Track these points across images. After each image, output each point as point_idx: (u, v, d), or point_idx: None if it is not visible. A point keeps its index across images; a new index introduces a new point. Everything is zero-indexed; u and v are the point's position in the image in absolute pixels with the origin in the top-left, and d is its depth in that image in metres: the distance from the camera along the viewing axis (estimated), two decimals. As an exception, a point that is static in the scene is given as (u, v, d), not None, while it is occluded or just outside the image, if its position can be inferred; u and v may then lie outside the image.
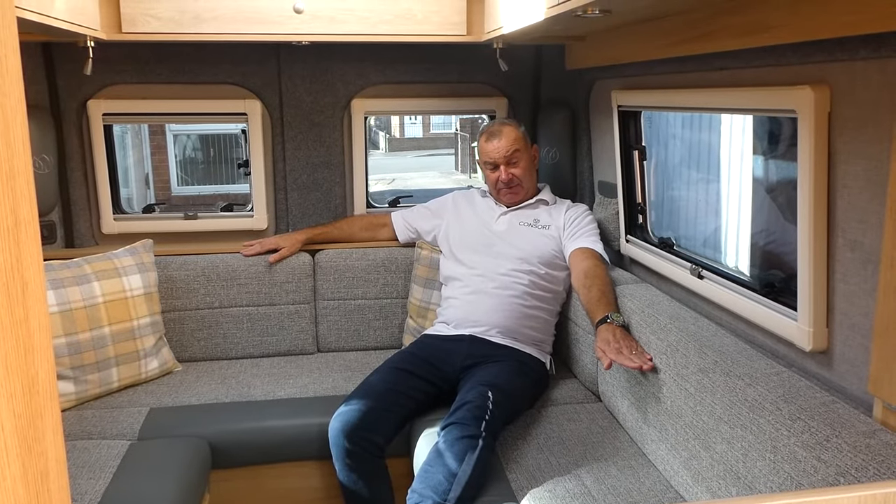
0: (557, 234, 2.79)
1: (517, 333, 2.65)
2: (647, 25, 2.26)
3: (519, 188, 2.84)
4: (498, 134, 2.82)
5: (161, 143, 11.01)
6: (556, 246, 2.77)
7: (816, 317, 1.70)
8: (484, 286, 2.71)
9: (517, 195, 2.85)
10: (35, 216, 0.63)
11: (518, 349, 2.63)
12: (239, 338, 3.06)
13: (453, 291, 2.80)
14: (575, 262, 2.67)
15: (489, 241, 2.82)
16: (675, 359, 2.02)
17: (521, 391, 2.48)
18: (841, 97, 1.58)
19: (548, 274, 2.73)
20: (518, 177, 2.81)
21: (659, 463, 2.09)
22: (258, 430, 2.54)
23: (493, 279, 2.70)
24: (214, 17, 2.62)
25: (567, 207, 2.87)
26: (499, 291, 2.68)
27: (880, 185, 1.47)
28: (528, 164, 2.84)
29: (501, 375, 2.43)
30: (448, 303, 2.80)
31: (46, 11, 2.00)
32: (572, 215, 2.82)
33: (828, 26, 1.49)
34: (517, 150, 2.80)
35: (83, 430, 2.44)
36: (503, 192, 2.85)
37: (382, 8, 2.72)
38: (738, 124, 2.90)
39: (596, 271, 2.57)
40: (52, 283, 2.57)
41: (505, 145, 2.79)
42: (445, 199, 3.12)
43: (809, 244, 1.68)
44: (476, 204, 2.99)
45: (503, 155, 2.79)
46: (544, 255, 2.75)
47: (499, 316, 2.64)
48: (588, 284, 2.51)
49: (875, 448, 1.37)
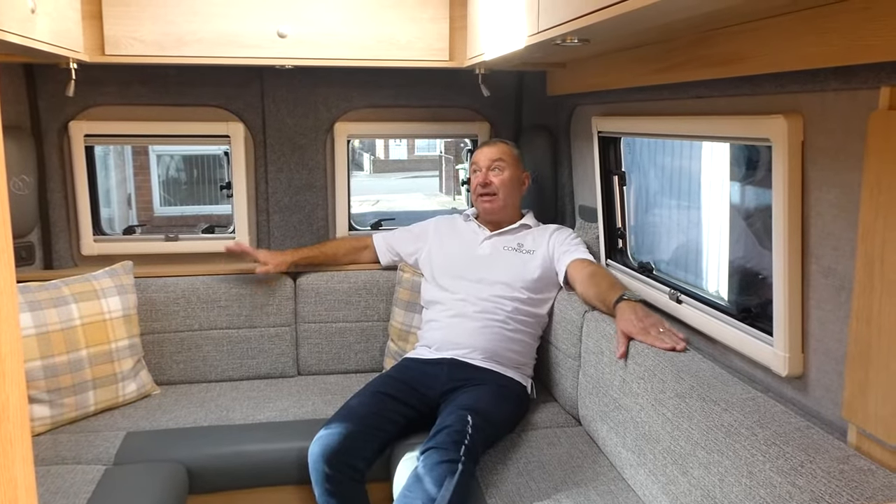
0: (542, 258, 2.77)
1: (499, 357, 2.65)
2: (625, 54, 2.29)
3: (496, 199, 2.85)
4: (492, 143, 2.95)
5: (144, 164, 10.98)
6: (541, 271, 2.75)
7: (792, 342, 1.72)
8: (466, 310, 2.70)
9: (493, 205, 2.86)
10: (8, 237, 0.62)
11: (499, 373, 2.63)
12: (219, 360, 3.03)
13: (435, 314, 2.80)
14: (575, 273, 2.66)
15: (472, 265, 2.81)
16: (652, 383, 2.03)
17: (502, 415, 2.48)
18: (814, 126, 1.61)
19: (530, 299, 2.73)
20: (497, 185, 2.84)
21: (638, 488, 2.09)
22: (237, 454, 2.52)
23: (475, 303, 2.70)
24: (198, 41, 2.63)
25: (553, 231, 2.87)
26: (481, 315, 2.68)
27: (852, 212, 1.50)
28: (512, 179, 2.87)
29: (482, 399, 2.43)
30: (429, 326, 2.80)
31: (29, 34, 2.00)
32: (560, 237, 2.82)
33: (799, 58, 1.52)
34: (503, 161, 2.86)
35: (58, 454, 2.40)
36: (480, 199, 2.87)
37: (366, 33, 2.75)
38: (716, 151, 2.94)
39: (599, 271, 2.62)
40: (28, 304, 2.54)
41: (494, 152, 2.88)
42: (428, 224, 3.11)
43: (784, 270, 1.70)
44: (459, 228, 2.99)
45: (489, 158, 2.87)
46: (528, 281, 2.74)
47: (480, 339, 2.65)
48: (596, 281, 2.53)
49: (849, 474, 1.38)
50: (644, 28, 1.75)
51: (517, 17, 2.08)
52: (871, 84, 1.40)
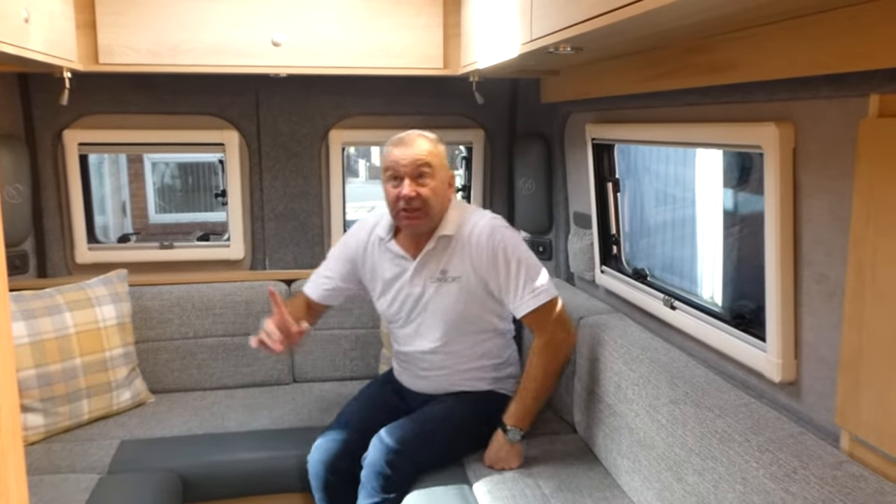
0: (474, 283, 2.34)
1: (469, 382, 2.47)
2: (618, 61, 2.30)
3: (421, 215, 2.28)
4: (409, 142, 2.31)
5: (139, 171, 10.96)
6: (475, 296, 2.36)
7: (785, 349, 1.73)
8: (417, 365, 2.49)
9: (418, 221, 2.29)
10: (0, 245, 0.63)
11: (475, 391, 2.47)
12: (213, 368, 3.03)
13: (395, 348, 2.58)
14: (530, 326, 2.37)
15: (410, 311, 2.44)
16: (646, 390, 2.03)
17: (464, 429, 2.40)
18: (805, 134, 1.62)
19: (478, 328, 2.43)
20: (424, 198, 2.26)
21: (633, 494, 2.10)
22: (231, 462, 2.51)
23: (422, 359, 2.46)
24: (192, 49, 2.63)
25: (474, 245, 2.31)
26: (432, 372, 2.47)
27: (844, 219, 1.51)
28: (440, 187, 2.31)
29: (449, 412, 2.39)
30: (394, 356, 2.62)
31: (22, 43, 2.00)
32: (486, 261, 2.30)
33: (789, 66, 1.54)
34: (428, 165, 2.27)
35: (51, 463, 2.40)
36: (401, 216, 2.30)
37: (360, 41, 2.75)
38: (710, 158, 2.95)
39: (533, 359, 2.30)
40: (22, 313, 2.54)
41: (415, 154, 2.27)
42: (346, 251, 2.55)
43: (777, 277, 1.71)
44: (380, 256, 2.47)
45: (411, 163, 2.26)
46: (468, 317, 2.39)
47: (442, 383, 2.47)
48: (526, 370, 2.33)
49: (841, 480, 1.39)
50: (636, 36, 1.76)
51: (510, 25, 2.09)
52: (862, 92, 1.41)
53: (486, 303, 2.38)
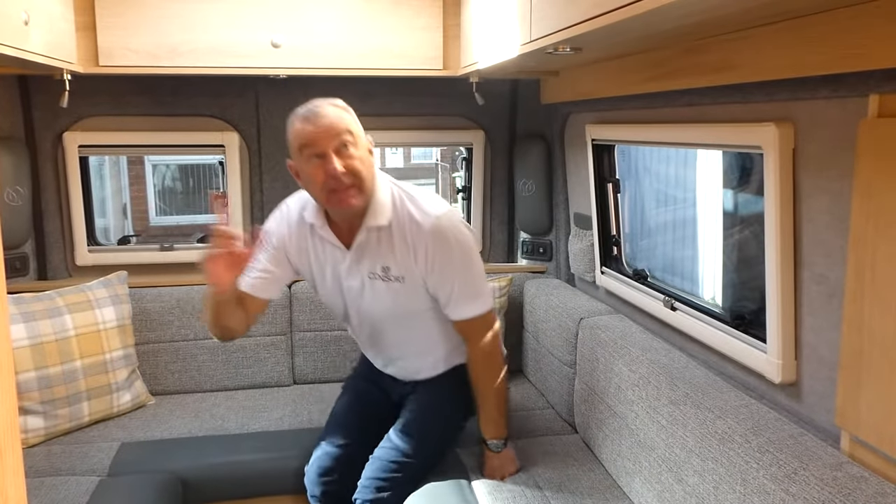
0: (415, 287, 2.12)
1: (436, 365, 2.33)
2: (618, 62, 2.30)
3: (356, 192, 1.98)
4: (322, 113, 1.99)
5: (140, 173, 10.99)
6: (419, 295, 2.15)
7: (785, 349, 1.72)
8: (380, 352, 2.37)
9: (354, 200, 1.98)
10: None
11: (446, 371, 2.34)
12: (214, 370, 3.03)
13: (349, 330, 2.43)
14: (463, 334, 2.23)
15: (352, 301, 2.22)
16: (647, 391, 2.03)
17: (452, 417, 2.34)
18: (805, 134, 1.62)
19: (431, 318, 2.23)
20: (356, 172, 1.96)
21: (634, 496, 2.09)
22: (232, 464, 2.51)
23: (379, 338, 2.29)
24: (192, 51, 2.63)
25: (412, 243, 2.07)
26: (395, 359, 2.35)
27: (843, 220, 1.51)
28: (365, 158, 2.02)
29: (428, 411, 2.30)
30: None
31: (23, 46, 2.00)
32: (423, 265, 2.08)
33: (789, 66, 1.54)
34: (350, 133, 1.97)
35: (51, 466, 2.39)
36: (334, 198, 1.98)
37: (360, 42, 2.75)
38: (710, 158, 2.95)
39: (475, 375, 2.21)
40: (22, 315, 2.54)
41: (334, 123, 1.96)
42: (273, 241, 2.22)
43: (777, 278, 1.71)
44: (319, 247, 2.20)
45: (333, 136, 1.94)
46: (417, 310, 2.19)
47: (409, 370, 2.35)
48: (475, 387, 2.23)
49: (842, 481, 1.39)
50: (636, 37, 1.76)
51: (510, 25, 2.09)
52: (861, 92, 1.41)
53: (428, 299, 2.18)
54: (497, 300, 2.98)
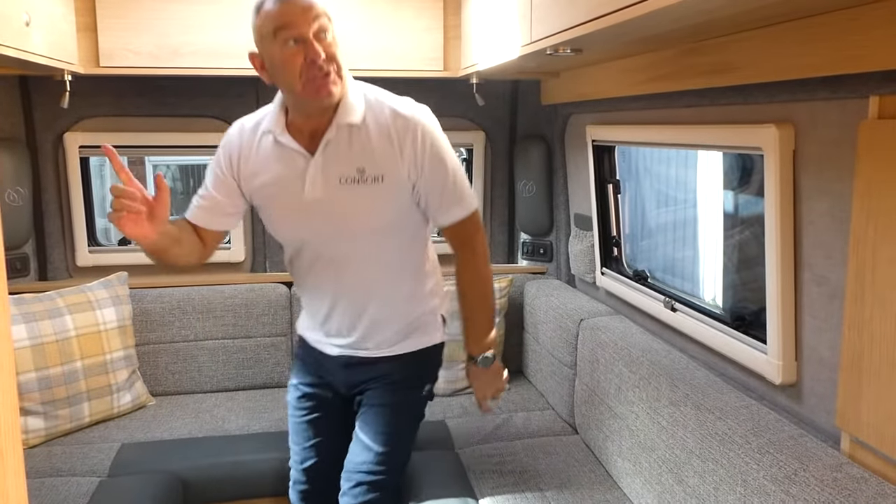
0: (398, 188, 1.84)
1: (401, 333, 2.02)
2: (618, 63, 2.31)
3: (337, 79, 1.75)
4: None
5: (141, 174, 10.97)
6: (404, 200, 1.87)
7: (785, 351, 1.72)
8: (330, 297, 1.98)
9: (336, 87, 1.74)
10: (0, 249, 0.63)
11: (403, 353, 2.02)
12: (214, 371, 3.03)
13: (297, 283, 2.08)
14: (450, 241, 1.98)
15: (315, 227, 1.89)
16: (647, 391, 2.03)
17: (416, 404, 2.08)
18: (805, 136, 1.62)
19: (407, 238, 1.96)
20: (338, 59, 1.74)
21: (634, 497, 2.09)
22: (232, 465, 2.51)
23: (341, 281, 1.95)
24: (193, 52, 2.64)
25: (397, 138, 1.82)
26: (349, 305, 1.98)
27: (844, 221, 1.51)
28: (341, 49, 1.77)
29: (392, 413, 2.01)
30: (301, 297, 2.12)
31: (24, 46, 2.01)
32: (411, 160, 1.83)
33: (789, 68, 1.54)
34: (328, 19, 1.73)
35: (52, 467, 2.40)
36: (315, 86, 1.72)
37: (361, 43, 2.75)
38: (710, 159, 2.95)
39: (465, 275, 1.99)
40: (23, 316, 2.54)
41: (311, 4, 1.69)
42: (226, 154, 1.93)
43: (777, 279, 1.71)
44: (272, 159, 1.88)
45: (312, 17, 1.68)
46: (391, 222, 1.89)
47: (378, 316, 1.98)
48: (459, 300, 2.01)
49: (842, 482, 1.39)
50: (636, 38, 1.76)
51: (510, 27, 2.09)
52: (861, 93, 1.41)
53: (413, 212, 1.92)
54: (497, 301, 2.98)
